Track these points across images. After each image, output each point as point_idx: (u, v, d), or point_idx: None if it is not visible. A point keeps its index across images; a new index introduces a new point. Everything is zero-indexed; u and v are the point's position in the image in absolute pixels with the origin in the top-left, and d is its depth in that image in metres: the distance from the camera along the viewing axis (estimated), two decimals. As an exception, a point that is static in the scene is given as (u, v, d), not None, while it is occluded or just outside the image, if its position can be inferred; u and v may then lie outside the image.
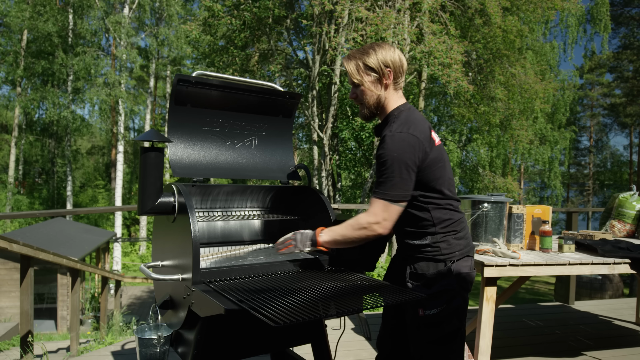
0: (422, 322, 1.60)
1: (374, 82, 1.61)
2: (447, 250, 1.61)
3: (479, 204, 2.75)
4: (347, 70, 1.64)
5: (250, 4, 10.11)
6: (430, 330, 1.60)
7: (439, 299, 1.59)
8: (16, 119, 23.55)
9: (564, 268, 2.58)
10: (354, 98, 1.68)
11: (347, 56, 1.65)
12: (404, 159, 1.50)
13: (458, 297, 1.61)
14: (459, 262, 1.63)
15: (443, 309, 1.59)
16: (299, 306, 1.29)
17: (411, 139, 1.52)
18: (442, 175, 1.60)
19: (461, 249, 1.64)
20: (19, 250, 3.07)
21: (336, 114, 11.98)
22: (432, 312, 1.59)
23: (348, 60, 1.63)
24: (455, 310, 1.61)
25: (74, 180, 26.02)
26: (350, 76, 1.63)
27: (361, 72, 1.61)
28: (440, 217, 1.60)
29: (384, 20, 8.35)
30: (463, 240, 1.65)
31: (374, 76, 1.61)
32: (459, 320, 1.63)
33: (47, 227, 13.57)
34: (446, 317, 1.60)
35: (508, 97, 11.55)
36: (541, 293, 16.57)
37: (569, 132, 21.36)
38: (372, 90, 1.62)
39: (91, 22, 21.04)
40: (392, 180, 1.49)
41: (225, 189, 2.10)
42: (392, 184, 1.50)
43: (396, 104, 1.65)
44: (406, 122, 1.56)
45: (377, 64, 1.59)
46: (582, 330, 3.92)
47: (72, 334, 4.43)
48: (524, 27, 11.45)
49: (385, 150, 1.51)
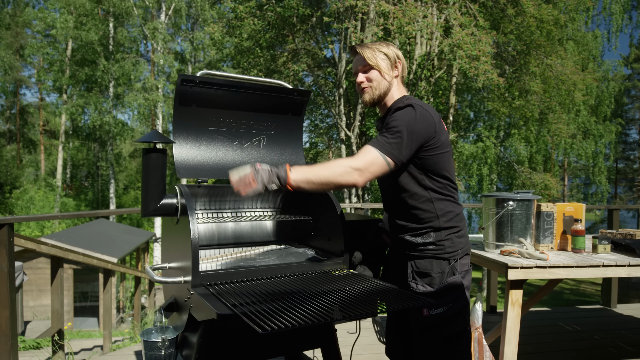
0: (427, 323, 1.56)
1: (388, 67, 1.64)
2: (450, 248, 1.58)
3: (503, 202, 2.61)
4: (362, 54, 1.63)
5: (274, 3, 10.13)
6: (436, 330, 1.56)
7: (445, 298, 1.55)
8: (63, 125, 24.70)
9: (597, 270, 2.41)
10: (363, 81, 1.65)
11: (359, 45, 1.66)
12: (413, 126, 1.47)
13: (463, 296, 1.57)
14: (461, 261, 1.60)
15: (449, 308, 1.55)
16: (294, 312, 1.24)
17: (424, 113, 1.51)
18: (450, 162, 1.59)
19: (463, 247, 1.61)
20: (47, 251, 3.17)
21: (364, 112, 11.85)
22: (437, 311, 1.54)
23: (362, 47, 1.64)
24: (461, 309, 1.58)
25: (117, 182, 27.04)
26: (365, 59, 1.62)
27: (377, 57, 1.62)
28: (443, 208, 1.57)
29: (405, 13, 8.17)
30: (464, 238, 1.63)
31: (388, 62, 1.64)
32: (464, 320, 1.60)
33: (89, 228, 14.13)
34: (451, 316, 1.56)
35: (544, 90, 11.07)
36: (587, 294, 15.82)
37: (615, 125, 20.24)
38: (387, 74, 1.63)
39: (130, 29, 21.84)
40: (394, 138, 1.46)
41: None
42: (393, 142, 1.46)
43: (402, 94, 1.67)
44: (420, 103, 1.56)
45: (392, 54, 1.65)
46: (624, 336, 3.67)
47: (105, 332, 4.56)
48: (562, 16, 10.94)
49: (397, 117, 1.50)
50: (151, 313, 6.12)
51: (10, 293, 2.56)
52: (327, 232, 1.95)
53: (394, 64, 1.65)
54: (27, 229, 20.71)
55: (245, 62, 11.54)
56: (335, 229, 1.86)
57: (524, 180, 13.12)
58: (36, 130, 30.28)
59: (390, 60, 1.64)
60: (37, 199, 23.16)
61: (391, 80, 1.65)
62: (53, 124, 30.07)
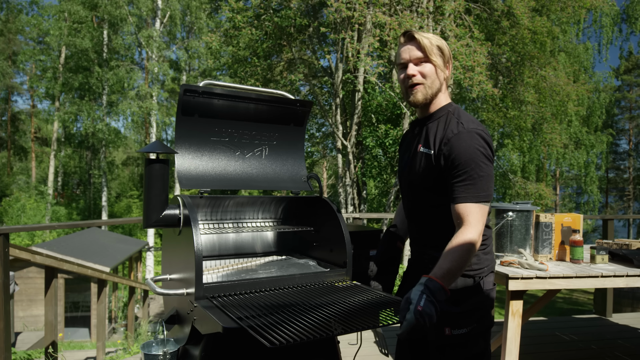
0: (448, 343, 1.46)
1: (442, 64, 1.48)
2: (477, 265, 1.50)
3: (503, 213, 2.62)
4: (421, 42, 1.45)
5: (272, 14, 10.19)
6: (456, 351, 1.47)
7: (470, 318, 1.47)
8: (55, 132, 24.52)
9: (596, 281, 2.42)
10: (416, 75, 1.47)
11: (416, 31, 1.48)
12: (487, 155, 1.39)
13: (488, 316, 1.50)
14: (486, 278, 1.52)
15: (472, 329, 1.47)
16: (299, 324, 1.23)
17: (486, 136, 1.42)
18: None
19: (488, 265, 1.54)
20: (42, 261, 3.13)
21: (360, 121, 11.90)
22: (460, 331, 1.46)
23: (420, 35, 1.46)
24: (484, 330, 1.50)
25: (109, 190, 26.85)
26: (424, 49, 1.45)
27: (435, 52, 1.46)
28: None
29: (402, 24, 8.24)
30: (490, 255, 1.55)
31: (443, 60, 1.48)
32: (485, 341, 1.52)
33: (81, 237, 13.98)
34: (474, 337, 1.48)
35: (539, 100, 11.19)
36: (580, 303, 15.87)
37: (606, 135, 20.54)
38: (442, 72, 1.48)
39: (125, 37, 21.82)
40: (481, 179, 1.36)
41: (236, 200, 2.06)
42: (483, 183, 1.36)
43: (448, 100, 1.54)
44: (472, 119, 1.46)
45: (447, 50, 1.50)
46: (620, 346, 3.68)
47: (99, 344, 4.49)
48: (555, 28, 11.10)
49: (466, 148, 1.37)
50: (145, 324, 6.05)
51: (5, 305, 2.52)
52: (329, 242, 1.94)
53: (447, 62, 1.49)
54: (17, 237, 20.44)
55: (242, 72, 11.58)
56: (338, 239, 1.85)
57: (518, 190, 13.21)
58: (27, 137, 30.04)
59: (445, 58, 1.48)
60: (28, 207, 22.91)
61: (442, 81, 1.50)
62: (45, 131, 29.85)
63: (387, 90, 10.42)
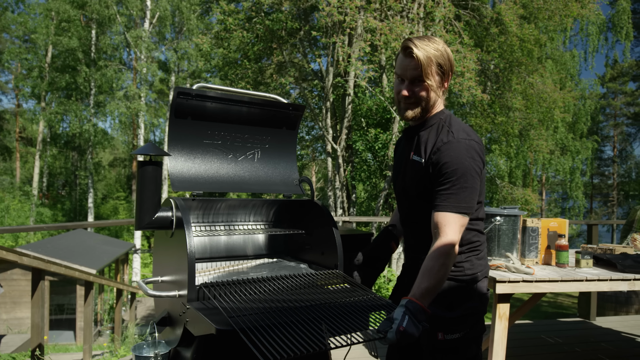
0: (441, 347, 1.47)
1: (439, 83, 1.46)
2: (470, 270, 1.51)
3: (491, 218, 2.67)
4: (420, 63, 1.40)
5: (263, 17, 10.21)
6: (448, 356, 1.48)
7: (463, 323, 1.48)
8: (40, 132, 24.19)
9: (581, 284, 2.47)
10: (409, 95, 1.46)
11: (416, 46, 1.40)
12: (474, 167, 1.39)
13: (480, 322, 1.52)
14: (480, 284, 1.54)
15: (465, 334, 1.48)
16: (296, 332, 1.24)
17: (476, 146, 1.42)
18: (483, 187, 1.50)
19: (482, 270, 1.55)
20: (29, 263, 3.10)
21: (350, 125, 11.96)
22: (453, 336, 1.47)
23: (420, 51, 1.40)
24: (477, 336, 1.52)
25: (95, 192, 26.53)
26: (420, 70, 1.41)
27: (433, 71, 1.42)
28: (470, 239, 1.52)
29: (392, 30, 8.32)
30: (483, 260, 1.57)
31: (442, 77, 1.46)
32: (477, 347, 1.53)
33: (67, 239, 13.80)
34: (467, 342, 1.49)
35: (526, 107, 11.36)
36: (564, 306, 16.08)
37: (591, 141, 20.91)
38: (435, 92, 1.46)
39: (113, 37, 21.63)
40: (464, 190, 1.37)
41: (228, 202, 2.07)
42: (466, 195, 1.37)
43: (441, 107, 1.53)
44: (463, 128, 1.46)
45: (447, 66, 1.45)
46: (604, 348, 3.75)
47: (85, 347, 4.44)
48: (543, 35, 11.29)
49: (454, 157, 1.37)
50: (132, 326, 6.00)
51: (-8, 306, 2.48)
52: (320, 245, 1.96)
53: (447, 77, 1.47)
54: (1, 239, 20.11)
55: (233, 74, 11.56)
56: (329, 242, 1.87)
57: (504, 195, 13.36)
58: (12, 137, 29.57)
59: (444, 75, 1.46)
60: (12, 208, 22.54)
61: (438, 96, 1.48)
62: (30, 131, 29.43)
63: (377, 94, 10.49)
